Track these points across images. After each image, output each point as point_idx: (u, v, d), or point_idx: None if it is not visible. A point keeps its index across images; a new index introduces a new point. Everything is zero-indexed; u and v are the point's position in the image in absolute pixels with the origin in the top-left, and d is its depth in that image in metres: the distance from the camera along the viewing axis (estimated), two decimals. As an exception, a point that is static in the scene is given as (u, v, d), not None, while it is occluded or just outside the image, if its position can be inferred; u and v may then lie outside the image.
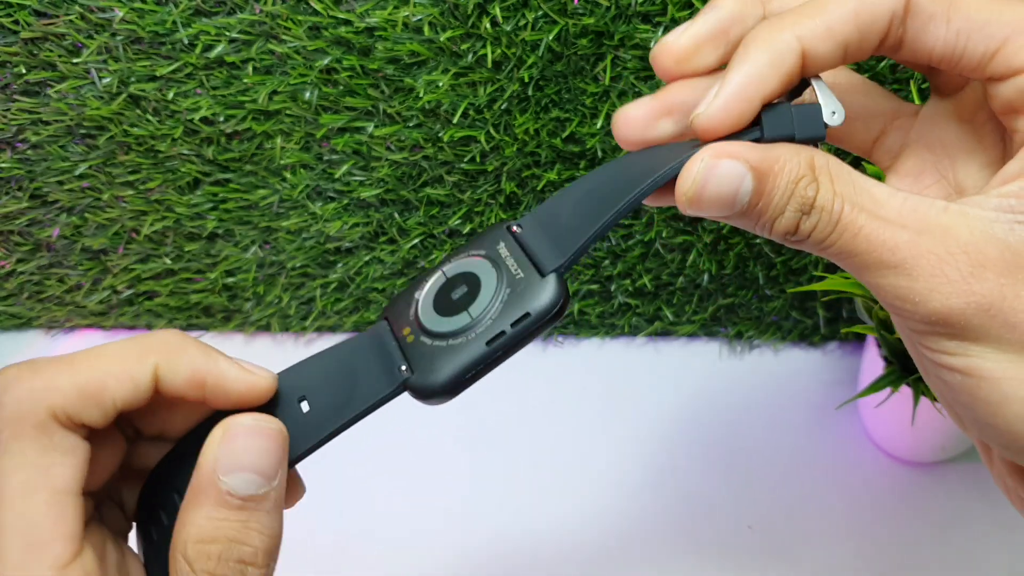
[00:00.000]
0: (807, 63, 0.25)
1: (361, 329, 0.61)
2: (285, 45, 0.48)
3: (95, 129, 0.52)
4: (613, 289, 0.58)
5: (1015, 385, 0.23)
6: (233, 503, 0.24)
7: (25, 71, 0.49)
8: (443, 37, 0.47)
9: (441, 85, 0.49)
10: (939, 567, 0.50)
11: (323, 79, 0.49)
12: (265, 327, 0.61)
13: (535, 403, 0.58)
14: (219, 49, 0.48)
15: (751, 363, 0.60)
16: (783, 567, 0.50)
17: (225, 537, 0.24)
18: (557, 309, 0.26)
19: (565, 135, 0.51)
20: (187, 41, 0.48)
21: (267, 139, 0.52)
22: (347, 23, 0.47)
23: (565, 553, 0.51)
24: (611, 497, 0.53)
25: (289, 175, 0.53)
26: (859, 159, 0.39)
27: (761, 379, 0.59)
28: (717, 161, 0.24)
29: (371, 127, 0.51)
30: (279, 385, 0.27)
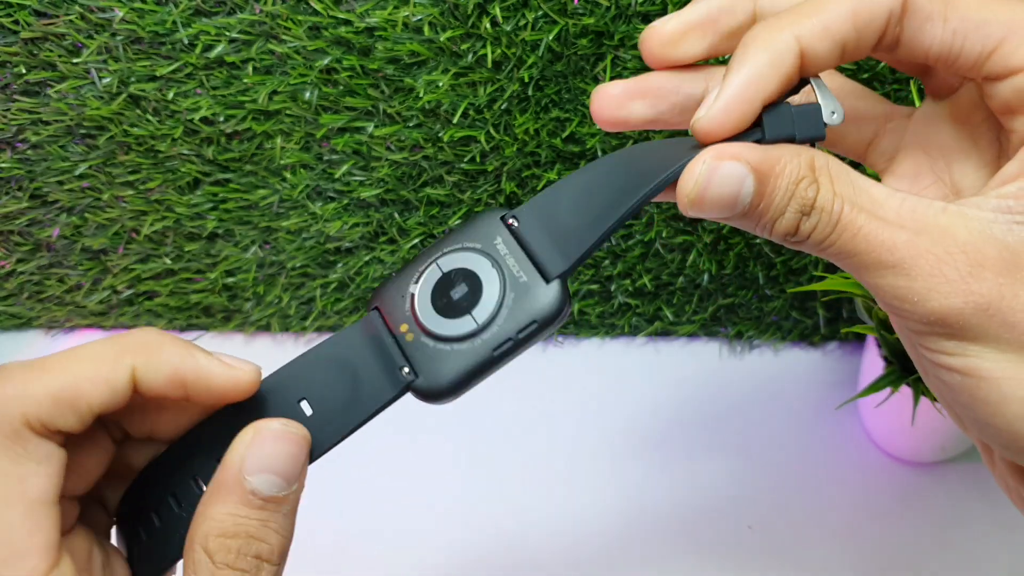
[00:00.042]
0: (805, 63, 0.25)
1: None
2: (285, 45, 0.48)
3: (95, 129, 0.52)
4: (613, 289, 0.58)
5: (1014, 385, 0.23)
6: (255, 502, 0.25)
7: (25, 71, 0.49)
8: (443, 37, 0.47)
9: (441, 85, 0.49)
10: (939, 567, 0.50)
11: (323, 79, 0.49)
12: (265, 327, 0.61)
13: (535, 403, 0.58)
14: (219, 49, 0.48)
15: (751, 363, 0.60)
16: (783, 567, 0.50)
17: (245, 533, 0.24)
18: (562, 316, 0.26)
19: (565, 135, 0.51)
20: (187, 41, 0.48)
21: (267, 139, 0.52)
22: (347, 23, 0.47)
23: (565, 553, 0.51)
24: (611, 497, 0.53)
25: (289, 175, 0.53)
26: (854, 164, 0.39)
27: (761, 379, 0.59)
28: (719, 163, 0.24)
29: (371, 127, 0.51)
30: (278, 386, 0.27)
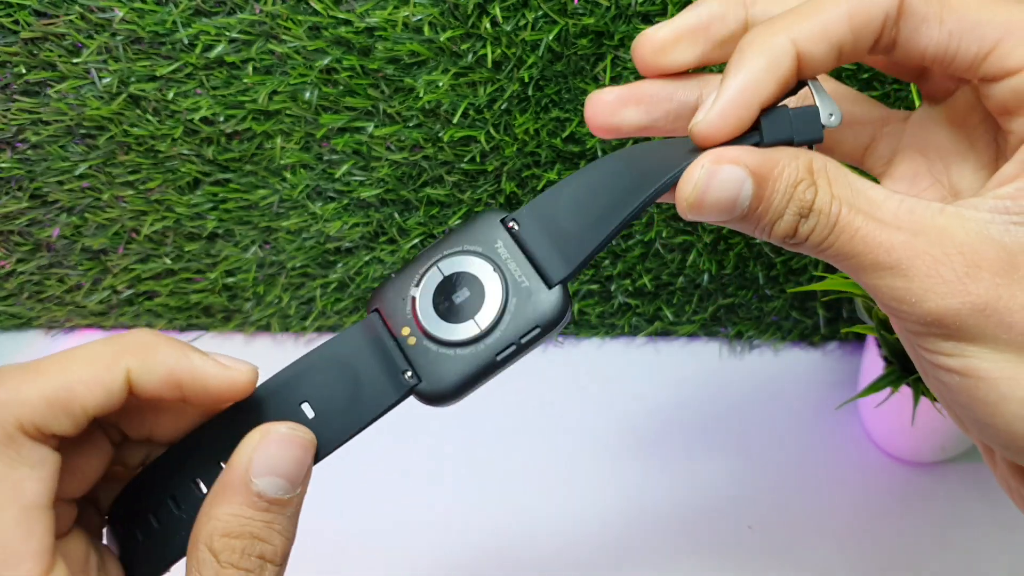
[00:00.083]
0: (802, 66, 0.25)
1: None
2: (285, 45, 0.48)
3: (95, 129, 0.52)
4: (613, 289, 0.58)
5: (1012, 385, 0.23)
6: (260, 504, 0.25)
7: (25, 71, 0.49)
8: (443, 37, 0.47)
9: (441, 85, 0.49)
10: (939, 567, 0.50)
11: (323, 79, 0.49)
12: (265, 327, 0.62)
13: (535, 403, 0.58)
14: (219, 49, 0.48)
15: (751, 363, 0.60)
16: (783, 567, 0.50)
17: (249, 534, 0.25)
18: (564, 320, 0.27)
19: (565, 135, 0.51)
20: (187, 41, 0.48)
21: (267, 139, 0.52)
22: (347, 23, 0.47)
23: (565, 553, 0.51)
24: (611, 497, 0.53)
25: (289, 175, 0.53)
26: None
27: (761, 379, 0.59)
28: (718, 167, 0.24)
29: (371, 127, 0.51)
30: (279, 388, 0.27)
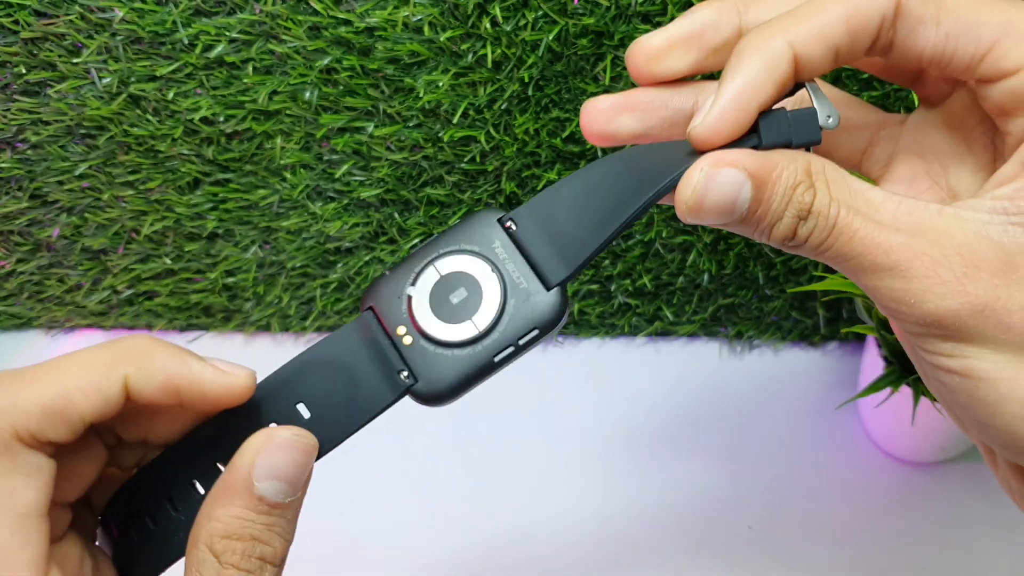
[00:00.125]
0: (800, 68, 0.25)
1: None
2: (285, 45, 0.48)
3: (95, 129, 0.52)
4: (613, 289, 0.58)
5: (1012, 385, 0.23)
6: (262, 508, 0.25)
7: (25, 71, 0.49)
8: (443, 37, 0.47)
9: (441, 85, 0.49)
10: (939, 567, 0.50)
11: (323, 79, 0.49)
12: (265, 327, 0.62)
13: (535, 403, 0.58)
14: (219, 49, 0.48)
15: (751, 363, 0.60)
16: (783, 567, 0.50)
17: (250, 536, 0.25)
18: (562, 322, 0.27)
19: (565, 135, 0.51)
20: (187, 41, 0.48)
21: (267, 139, 0.52)
22: (347, 23, 0.47)
23: (564, 553, 0.51)
24: (610, 497, 0.53)
25: (289, 175, 0.53)
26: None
27: (761, 379, 0.59)
28: (716, 170, 0.24)
29: (371, 127, 0.51)
30: (275, 389, 0.27)
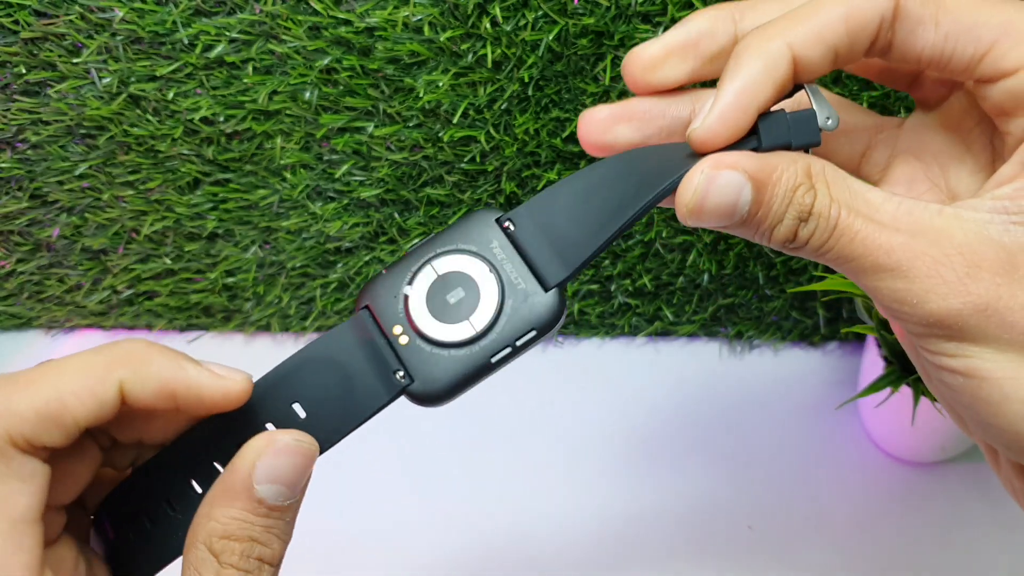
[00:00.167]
0: (799, 69, 0.25)
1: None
2: (285, 45, 0.48)
3: (95, 129, 0.52)
4: (613, 289, 0.58)
5: (1015, 385, 0.23)
6: (261, 510, 0.25)
7: (25, 71, 0.49)
8: (443, 37, 0.47)
9: (441, 85, 0.49)
10: (939, 567, 0.50)
11: (323, 79, 0.49)
12: (265, 327, 0.62)
13: (535, 403, 0.58)
14: (219, 49, 0.48)
15: (751, 363, 0.60)
16: (783, 567, 0.50)
17: (248, 537, 0.25)
18: (560, 324, 0.27)
19: (565, 135, 0.51)
20: (187, 41, 0.48)
21: (267, 139, 0.52)
22: (347, 23, 0.47)
23: (564, 553, 0.51)
24: (611, 497, 0.53)
25: (289, 175, 0.53)
26: None
27: (761, 379, 0.59)
28: (716, 172, 0.24)
29: (371, 127, 0.51)
30: (271, 388, 0.27)
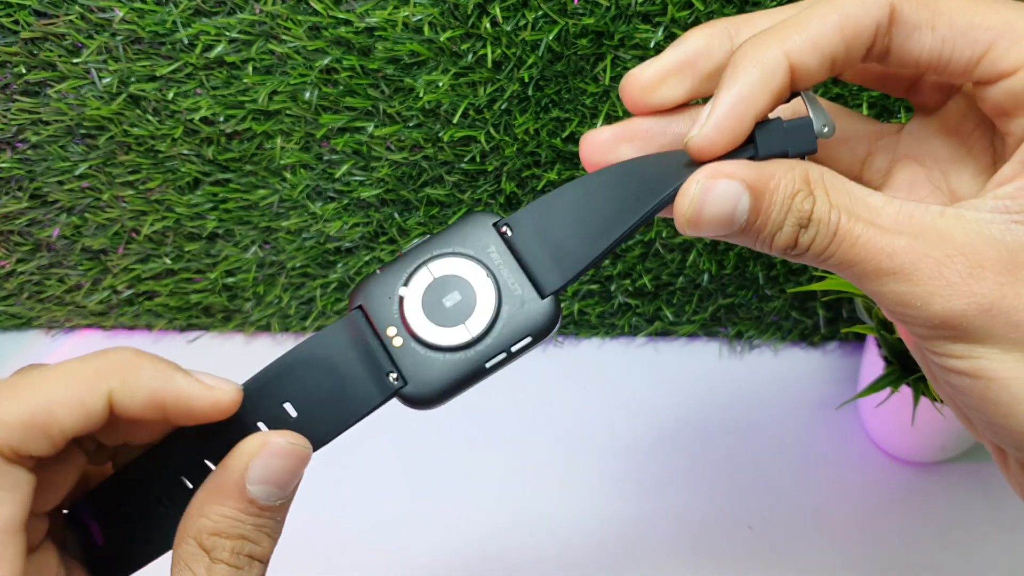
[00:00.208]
0: (796, 77, 0.25)
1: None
2: (285, 45, 0.48)
3: (95, 129, 0.51)
4: (613, 289, 0.58)
5: (1023, 384, 0.23)
6: (252, 509, 0.25)
7: (25, 71, 0.49)
8: (443, 37, 0.47)
9: (441, 85, 0.49)
10: (939, 567, 0.50)
11: (323, 79, 0.49)
12: (265, 327, 0.61)
13: (535, 403, 0.58)
14: (219, 49, 0.48)
15: (751, 363, 0.60)
16: (783, 567, 0.50)
17: (239, 535, 0.25)
18: (555, 330, 0.27)
19: (565, 135, 0.51)
20: (187, 41, 0.48)
21: (267, 139, 0.52)
22: (347, 23, 0.47)
23: (564, 553, 0.51)
24: (611, 497, 0.53)
25: (289, 175, 0.53)
26: None
27: (761, 379, 0.59)
28: (713, 182, 0.24)
29: (371, 127, 0.51)
30: (263, 387, 0.27)
